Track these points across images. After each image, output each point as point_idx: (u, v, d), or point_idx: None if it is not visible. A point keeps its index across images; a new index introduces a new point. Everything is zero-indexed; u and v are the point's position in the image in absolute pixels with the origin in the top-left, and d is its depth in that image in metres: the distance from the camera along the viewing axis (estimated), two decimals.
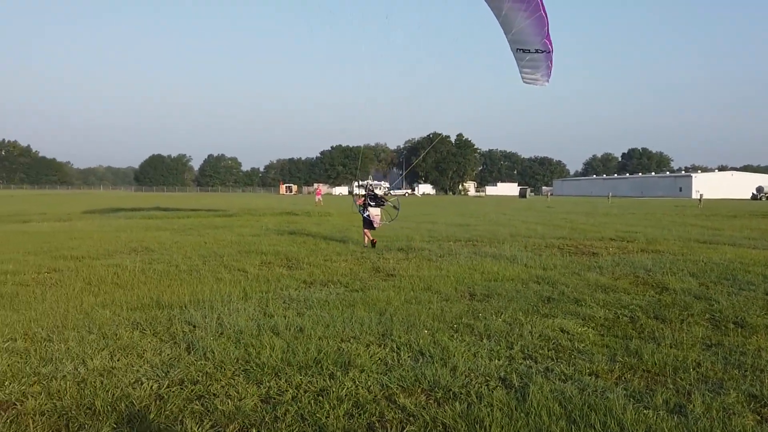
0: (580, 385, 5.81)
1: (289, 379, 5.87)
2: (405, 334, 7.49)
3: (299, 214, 35.21)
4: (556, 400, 5.38)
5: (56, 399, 5.32)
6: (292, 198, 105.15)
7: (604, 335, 7.68)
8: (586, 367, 6.33)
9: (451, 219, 32.17)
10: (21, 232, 21.30)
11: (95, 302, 9.23)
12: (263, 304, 9.27)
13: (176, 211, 39.01)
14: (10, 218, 30.09)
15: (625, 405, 5.25)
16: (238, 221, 28.38)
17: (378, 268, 13.05)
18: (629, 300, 9.78)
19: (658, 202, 79.76)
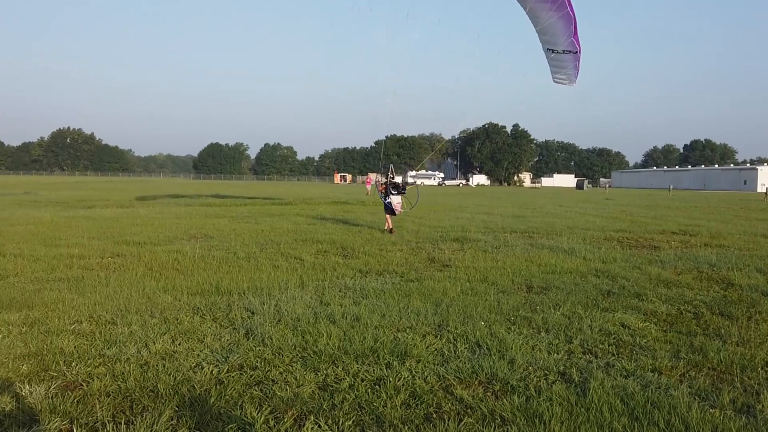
0: (642, 381, 5.67)
1: (346, 368, 5.89)
2: (461, 325, 7.44)
3: (354, 204, 35.35)
4: (618, 396, 5.26)
5: (120, 381, 5.45)
6: (346, 187, 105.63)
7: (666, 331, 7.49)
8: (648, 364, 6.18)
9: (506, 210, 31.83)
10: (85, 218, 21.94)
11: (157, 287, 9.45)
12: (320, 292, 9.33)
13: (234, 198, 39.66)
14: (76, 204, 31.07)
15: (689, 403, 5.10)
16: (294, 209, 28.66)
17: (433, 258, 13.00)
18: (693, 295, 9.50)
19: (722, 196, 77.38)
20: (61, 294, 8.82)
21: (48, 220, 20.33)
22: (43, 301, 8.35)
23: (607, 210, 33.79)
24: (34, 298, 8.53)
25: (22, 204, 30.22)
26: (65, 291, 9.06)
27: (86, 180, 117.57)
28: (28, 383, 5.32)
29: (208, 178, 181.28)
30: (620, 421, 4.76)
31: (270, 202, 34.48)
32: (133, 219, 21.58)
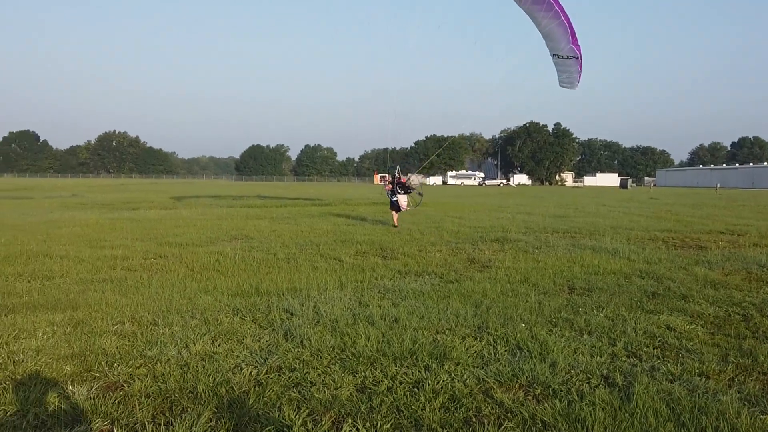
0: (689, 386, 5.50)
1: (384, 370, 5.85)
2: (501, 327, 7.33)
3: None
4: (663, 401, 5.11)
5: (161, 382, 5.49)
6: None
7: (714, 334, 7.27)
8: (695, 367, 6.00)
9: (548, 210, 31.44)
10: (129, 219, 22.34)
11: (198, 288, 9.53)
12: (358, 293, 9.31)
13: (275, 199, 39.96)
14: (121, 206, 31.67)
15: (739, 409, 4.93)
16: (334, 210, 28.76)
17: (473, 259, 12.88)
18: (741, 297, 9.22)
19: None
20: (104, 295, 8.96)
21: (93, 222, 20.75)
22: (86, 302, 8.48)
23: (652, 209, 33.14)
24: (78, 299, 8.68)
25: (68, 206, 30.92)
26: (108, 292, 9.20)
27: (131, 182, 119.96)
28: (71, 383, 5.40)
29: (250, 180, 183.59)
30: (666, 427, 4.63)
31: (310, 203, 34.66)
32: (176, 220, 21.89)
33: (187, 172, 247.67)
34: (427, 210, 29.84)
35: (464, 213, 27.60)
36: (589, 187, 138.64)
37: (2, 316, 7.71)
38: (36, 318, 7.64)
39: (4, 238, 15.60)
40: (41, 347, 6.44)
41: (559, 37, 14.18)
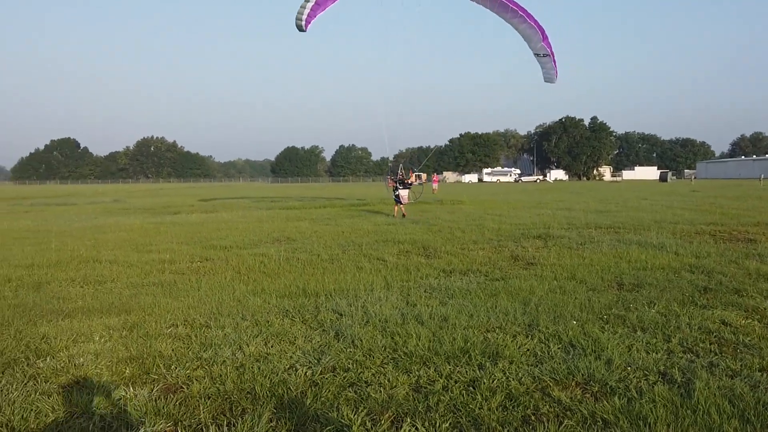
0: (750, 381, 5.40)
1: (438, 369, 5.85)
2: (552, 324, 7.28)
3: (430, 203, 35.28)
4: (725, 397, 5.02)
5: (219, 383, 5.57)
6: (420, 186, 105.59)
7: None
8: (755, 363, 5.88)
9: (588, 205, 31.08)
10: (173, 224, 22.67)
11: (246, 290, 9.64)
12: (405, 293, 9.32)
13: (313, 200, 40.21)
14: (162, 210, 32.16)
15: None
16: (373, 210, 28.81)
17: (517, 256, 12.80)
18: None
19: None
20: (155, 298, 9.11)
21: (138, 227, 21.11)
22: (139, 306, 8.64)
23: (695, 202, 32.55)
24: (131, 303, 8.85)
25: (112, 212, 31.50)
26: (159, 295, 9.36)
27: (169, 186, 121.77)
28: (132, 386, 5.51)
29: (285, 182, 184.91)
30: (730, 424, 4.55)
31: (348, 203, 34.79)
32: (218, 224, 22.16)
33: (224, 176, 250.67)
34: (465, 208, 29.77)
35: (504, 210, 27.43)
36: (627, 181, 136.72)
37: (60, 320, 7.90)
38: (92, 322, 7.80)
39: (54, 244, 15.97)
40: (100, 351, 6.58)
41: (533, 37, 15.81)
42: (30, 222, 24.35)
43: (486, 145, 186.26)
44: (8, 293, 9.65)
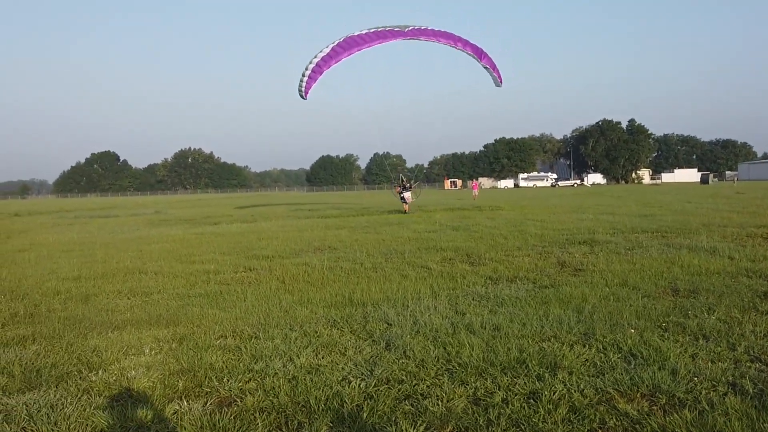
0: None
1: (495, 380, 5.68)
2: (609, 333, 7.05)
3: (469, 209, 34.99)
4: None
5: (272, 396, 5.48)
6: (457, 193, 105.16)
7: None
8: None
9: (631, 209, 30.49)
10: (214, 234, 22.81)
11: (292, 300, 9.58)
12: (452, 301, 9.16)
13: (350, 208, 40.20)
14: (202, 221, 32.43)
15: None
16: (411, 218, 28.67)
17: (564, 262, 12.54)
18: None
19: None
20: (203, 309, 9.10)
21: (180, 238, 21.27)
22: (187, 317, 8.63)
23: (741, 204, 31.72)
24: (179, 314, 8.84)
25: (153, 223, 31.87)
26: (206, 306, 9.34)
27: (207, 197, 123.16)
28: (185, 400, 5.45)
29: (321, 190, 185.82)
30: None
31: (386, 211, 34.68)
32: (258, 233, 22.22)
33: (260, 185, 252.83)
34: (505, 214, 29.45)
35: (544, 215, 27.05)
36: (667, 183, 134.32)
37: (109, 332, 7.91)
38: (141, 334, 7.80)
39: (99, 256, 16.16)
40: (151, 363, 6.55)
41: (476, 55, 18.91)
42: (75, 234, 24.74)
43: (521, 150, 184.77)
44: (57, 306, 9.73)
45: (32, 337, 7.75)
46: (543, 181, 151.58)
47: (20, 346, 7.39)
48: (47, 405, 5.36)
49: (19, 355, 6.96)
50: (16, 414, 5.23)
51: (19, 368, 6.41)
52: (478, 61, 18.87)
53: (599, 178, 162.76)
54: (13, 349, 7.21)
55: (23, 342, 7.55)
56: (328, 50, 16.49)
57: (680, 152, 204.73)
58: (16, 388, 5.90)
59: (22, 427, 4.99)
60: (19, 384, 6.00)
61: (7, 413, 5.27)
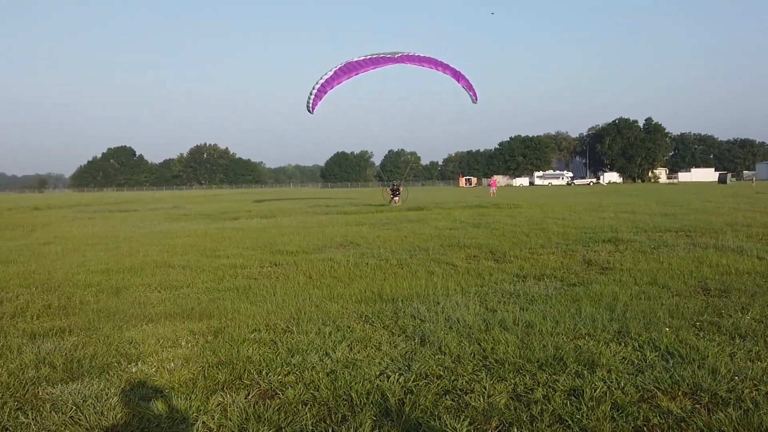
0: None
1: (533, 377, 5.70)
2: (644, 331, 7.04)
3: (488, 207, 34.92)
4: None
5: (313, 389, 5.53)
6: (472, 190, 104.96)
7: None
8: None
9: (651, 208, 30.33)
10: (235, 229, 22.92)
11: (322, 295, 9.62)
12: (482, 298, 9.17)
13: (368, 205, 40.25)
14: (221, 216, 32.58)
15: None
16: (431, 215, 28.66)
17: (589, 261, 12.52)
18: None
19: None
20: (234, 303, 9.16)
21: (202, 233, 21.40)
22: (219, 311, 8.70)
23: (763, 204, 31.49)
24: (210, 308, 8.91)
25: (173, 218, 32.06)
26: (237, 300, 9.41)
27: (223, 192, 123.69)
28: (228, 391, 5.51)
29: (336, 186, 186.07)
30: None
31: (405, 208, 34.70)
32: (279, 229, 22.32)
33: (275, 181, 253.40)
34: (524, 212, 29.38)
35: (564, 213, 26.96)
36: (684, 183, 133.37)
37: (144, 325, 8.00)
38: (175, 326, 7.88)
39: (124, 249, 16.31)
40: (189, 355, 6.63)
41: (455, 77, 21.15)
42: (98, 228, 24.95)
43: (537, 148, 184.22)
44: (90, 298, 9.83)
45: (69, 329, 7.84)
46: (558, 180, 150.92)
47: (58, 337, 7.48)
48: (92, 395, 5.44)
49: (58, 345, 7.05)
50: (62, 403, 5.31)
51: (60, 359, 6.50)
52: (456, 82, 21.38)
53: (615, 176, 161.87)
54: (52, 340, 7.31)
55: (61, 333, 7.65)
56: (331, 73, 18.84)
57: (697, 151, 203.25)
58: (59, 378, 5.99)
59: (69, 417, 5.06)
60: (62, 374, 6.09)
61: (53, 402, 5.35)
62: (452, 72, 20.12)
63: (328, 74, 18.82)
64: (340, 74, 18.84)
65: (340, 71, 18.85)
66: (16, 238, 21.00)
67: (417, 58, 19.54)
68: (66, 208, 49.45)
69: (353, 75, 18.87)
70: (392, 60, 19.18)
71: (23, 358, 6.60)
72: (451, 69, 19.99)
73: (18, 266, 13.43)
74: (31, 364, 6.40)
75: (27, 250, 16.83)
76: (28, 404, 5.34)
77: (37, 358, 6.60)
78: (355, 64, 18.83)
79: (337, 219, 27.32)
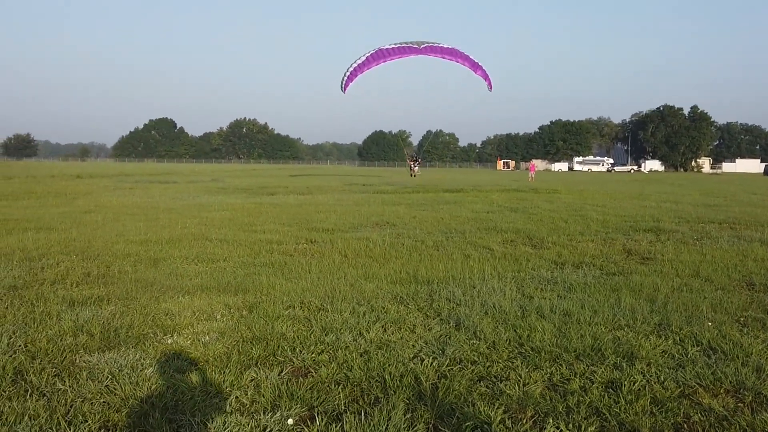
0: None
1: (570, 367, 5.58)
2: (686, 325, 6.86)
3: (526, 191, 34.55)
4: None
5: (346, 369, 5.50)
6: (510, 174, 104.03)
7: None
8: None
9: (694, 198, 29.71)
10: (272, 204, 23.05)
11: (357, 274, 9.59)
12: (518, 283, 9.05)
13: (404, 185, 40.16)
14: (259, 191, 32.81)
15: None
16: (467, 197, 28.48)
17: (629, 250, 12.28)
18: None
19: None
20: (269, 279, 9.17)
21: (240, 207, 21.57)
22: (254, 286, 8.72)
23: None
24: (246, 282, 8.93)
25: (211, 191, 32.37)
26: (272, 276, 9.42)
27: (261, 167, 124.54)
28: (261, 367, 5.51)
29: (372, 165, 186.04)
30: None
31: (442, 189, 34.52)
32: (315, 206, 22.37)
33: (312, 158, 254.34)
34: (563, 197, 29.01)
35: (604, 201, 26.56)
36: (728, 173, 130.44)
37: (180, 297, 8.05)
38: (211, 300, 7.92)
39: (163, 220, 16.49)
40: (224, 329, 6.65)
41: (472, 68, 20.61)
42: (137, 198, 25.32)
43: (578, 133, 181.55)
44: (128, 268, 9.94)
45: (107, 298, 7.94)
46: (599, 166, 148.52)
47: (96, 305, 7.57)
48: (128, 365, 5.49)
49: (96, 314, 7.13)
50: (98, 372, 5.36)
51: (98, 327, 6.57)
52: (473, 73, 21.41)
53: (657, 164, 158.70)
54: (90, 308, 7.40)
55: (99, 302, 7.74)
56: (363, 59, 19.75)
57: (743, 142, 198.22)
58: (95, 346, 6.05)
59: (105, 385, 5.10)
60: (99, 343, 6.15)
61: (90, 370, 5.41)
62: (470, 63, 20.76)
63: (360, 59, 19.66)
64: (371, 60, 19.70)
65: (371, 57, 19.72)
66: (59, 205, 21.39)
67: (439, 49, 20.25)
68: (107, 177, 50.30)
69: (381, 62, 19.71)
70: (417, 51, 20.04)
71: (62, 324, 6.69)
72: (470, 60, 20.61)
73: (59, 233, 13.66)
74: (70, 331, 6.48)
75: (68, 217, 17.12)
76: (66, 371, 5.40)
77: (75, 325, 6.68)
78: (384, 52, 19.64)
79: (373, 198, 27.30)
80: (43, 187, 31.79)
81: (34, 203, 22.05)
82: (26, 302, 7.65)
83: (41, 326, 6.65)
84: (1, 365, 5.41)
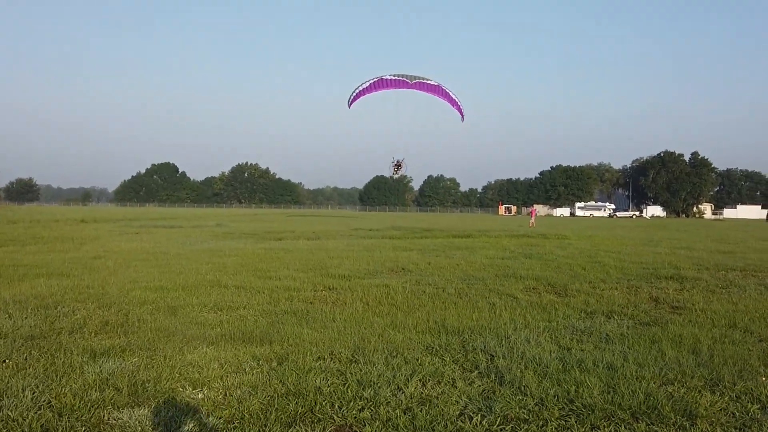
0: None
1: (629, 426, 5.28)
2: (739, 380, 6.56)
3: (535, 237, 34.29)
4: None
5: (391, 428, 5.20)
6: (512, 219, 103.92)
7: None
8: None
9: (706, 244, 29.44)
10: (282, 250, 22.77)
11: (384, 324, 9.28)
12: (551, 334, 8.75)
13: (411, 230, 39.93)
14: (265, 235, 32.54)
15: None
16: (478, 242, 28.19)
17: (656, 298, 12.00)
18: None
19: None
20: (293, 328, 8.87)
21: (250, 252, 21.28)
22: (280, 335, 8.41)
23: None
24: (270, 332, 8.62)
25: (218, 236, 32.09)
26: (296, 325, 9.11)
27: (263, 212, 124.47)
28: (302, 425, 5.20)
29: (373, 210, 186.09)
30: None
31: (451, 235, 34.28)
32: (327, 251, 22.09)
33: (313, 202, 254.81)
34: (574, 243, 28.71)
35: (616, 247, 26.30)
36: (730, 219, 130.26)
37: (204, 347, 7.74)
38: (237, 351, 7.61)
39: (175, 266, 16.21)
40: (255, 383, 6.34)
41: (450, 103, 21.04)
42: (146, 244, 25.05)
43: (579, 179, 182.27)
44: (147, 317, 9.63)
45: (129, 348, 7.63)
46: (600, 211, 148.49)
47: (119, 357, 7.26)
48: (162, 423, 5.19)
49: (120, 366, 6.84)
50: (131, 430, 5.06)
51: (124, 381, 6.27)
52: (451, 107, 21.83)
53: (659, 210, 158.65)
54: (113, 360, 7.10)
55: (121, 353, 7.44)
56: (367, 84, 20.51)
57: (743, 188, 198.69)
58: (124, 402, 5.75)
59: None
60: (127, 398, 5.85)
61: (122, 428, 5.11)
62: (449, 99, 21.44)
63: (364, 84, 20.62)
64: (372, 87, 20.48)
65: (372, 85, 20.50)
66: (67, 250, 21.12)
67: (426, 86, 20.85)
68: (111, 221, 50.03)
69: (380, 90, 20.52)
70: (409, 85, 20.64)
71: (86, 377, 6.39)
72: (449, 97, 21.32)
73: (72, 280, 13.38)
74: (95, 384, 6.18)
75: (79, 263, 16.84)
76: (96, 429, 5.10)
77: (100, 378, 6.39)
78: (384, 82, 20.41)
79: (383, 243, 27.01)
80: (49, 232, 31.52)
81: (42, 248, 21.78)
82: (45, 353, 7.34)
83: (64, 379, 6.35)
84: (27, 423, 5.11)
